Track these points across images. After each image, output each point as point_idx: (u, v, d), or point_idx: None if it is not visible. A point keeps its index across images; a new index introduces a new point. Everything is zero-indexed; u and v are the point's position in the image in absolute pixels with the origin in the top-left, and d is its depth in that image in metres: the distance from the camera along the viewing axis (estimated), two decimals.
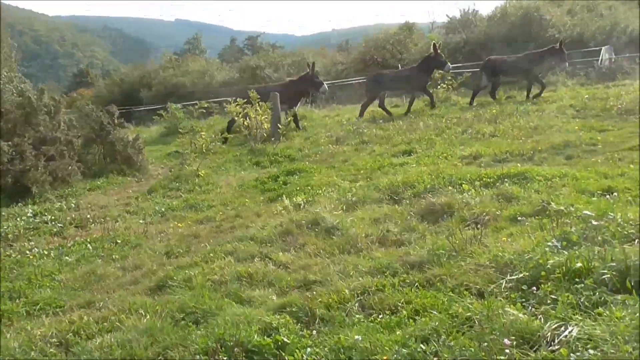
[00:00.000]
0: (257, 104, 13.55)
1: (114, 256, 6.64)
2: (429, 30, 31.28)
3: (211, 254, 5.96)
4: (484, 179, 7.13)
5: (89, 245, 7.23)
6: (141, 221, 8.26)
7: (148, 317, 4.41)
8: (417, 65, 16.33)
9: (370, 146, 11.40)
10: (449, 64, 15.82)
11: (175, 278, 5.32)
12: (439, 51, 15.76)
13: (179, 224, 7.75)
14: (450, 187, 6.96)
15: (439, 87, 17.00)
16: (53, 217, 8.84)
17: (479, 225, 5.47)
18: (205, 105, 19.36)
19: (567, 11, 24.41)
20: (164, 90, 31.09)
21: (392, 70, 18.21)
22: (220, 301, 4.55)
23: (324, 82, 16.04)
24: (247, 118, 13.67)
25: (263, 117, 13.55)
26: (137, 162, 12.59)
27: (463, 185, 6.95)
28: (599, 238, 4.27)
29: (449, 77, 17.15)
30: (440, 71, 16.38)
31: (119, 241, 7.22)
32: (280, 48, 49.37)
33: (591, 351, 2.90)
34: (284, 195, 8.13)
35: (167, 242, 6.95)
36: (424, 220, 6.04)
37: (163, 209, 8.79)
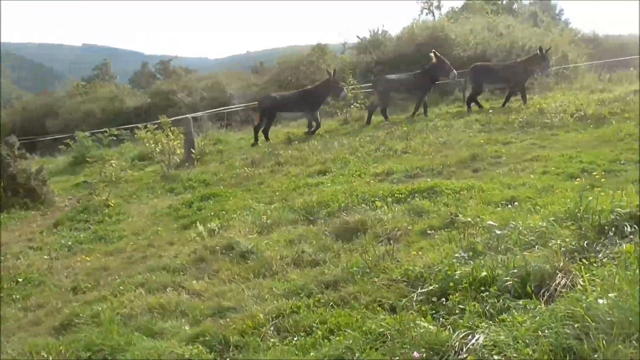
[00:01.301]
0: (169, 130, 13.30)
1: (14, 296, 6.26)
2: (341, 51, 31.90)
3: (121, 287, 5.76)
4: (396, 195, 7.31)
5: None
6: (46, 257, 7.85)
7: (51, 359, 4.18)
8: (421, 72, 16.64)
9: (285, 167, 11.42)
10: (454, 71, 16.08)
11: (81, 315, 5.10)
12: (442, 59, 16.11)
13: (87, 258, 7.43)
14: (363, 205, 7.08)
15: (352, 106, 17.36)
16: None
17: (391, 241, 5.60)
18: (116, 133, 18.80)
19: (470, 31, 25.60)
20: (72, 118, 29.93)
21: (398, 75, 18.40)
22: (129, 336, 4.39)
23: (344, 88, 16.25)
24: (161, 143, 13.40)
25: (176, 143, 13.31)
26: (41, 195, 11.98)
27: (376, 202, 7.09)
28: (502, 247, 4.47)
29: (361, 97, 17.56)
30: (445, 79, 16.71)
31: (20, 280, 6.82)
32: (193, 71, 48.82)
33: (496, 357, 3.01)
34: (197, 222, 7.99)
35: (74, 277, 6.64)
36: (338, 239, 6.10)
37: (70, 243, 8.41)
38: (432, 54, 16.29)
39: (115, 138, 18.91)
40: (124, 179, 12.30)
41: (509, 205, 6.09)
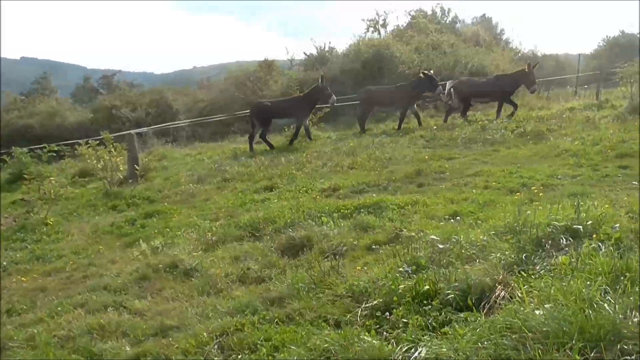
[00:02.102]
0: (112, 146, 13.02)
1: None
2: (288, 67, 32.07)
3: (59, 308, 5.58)
4: (342, 211, 7.37)
5: None
6: None
7: None
8: (408, 84, 16.89)
9: (232, 183, 11.34)
10: (440, 88, 16.32)
11: (15, 338, 4.90)
12: (431, 74, 16.34)
13: (23, 278, 7.16)
14: (310, 220, 7.09)
15: None
16: None
17: (337, 256, 5.62)
18: (56, 149, 18.25)
19: (415, 49, 26.20)
20: (9, 133, 28.90)
21: (384, 87, 18.47)
22: (67, 358, 4.24)
23: (333, 94, 16.27)
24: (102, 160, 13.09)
25: (118, 159, 13.03)
26: None
27: (322, 217, 7.12)
28: (445, 261, 4.56)
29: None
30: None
31: None
32: (138, 86, 48.08)
33: None
34: (141, 239, 7.83)
35: (9, 299, 6.38)
36: (284, 255, 6.09)
37: (5, 263, 8.08)
38: (421, 73, 16.62)
39: (55, 154, 18.35)
40: (64, 197, 11.94)
41: (452, 220, 6.22)
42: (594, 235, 4.38)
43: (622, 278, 3.53)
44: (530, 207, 5.64)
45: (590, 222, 4.64)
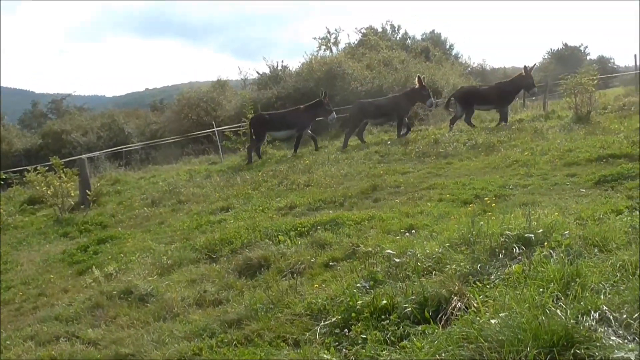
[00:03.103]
0: (62, 171, 12.71)
1: None
2: (242, 87, 32.07)
3: (7, 342, 5.37)
4: (299, 229, 7.34)
5: None
6: None
7: None
8: (400, 95, 16.95)
9: (187, 205, 11.21)
10: (432, 99, 16.34)
11: None
12: (424, 84, 16.35)
13: None
14: (267, 240, 7.04)
15: None
16: None
17: (295, 275, 5.59)
18: (4, 177, 17.72)
19: (367, 65, 26.59)
20: None
21: (375, 99, 18.45)
22: None
23: (333, 112, 16.53)
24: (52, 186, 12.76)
25: (69, 185, 12.72)
26: None
27: (279, 236, 7.08)
28: (402, 274, 4.59)
29: None
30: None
31: None
32: (89, 110, 47.23)
33: None
34: (94, 266, 7.63)
35: None
36: (241, 276, 6.03)
37: None
38: (416, 78, 16.75)
39: (2, 182, 17.82)
40: (13, 225, 11.58)
41: (408, 233, 6.26)
42: (545, 243, 4.47)
43: (572, 284, 3.61)
44: (484, 217, 5.72)
45: (541, 230, 4.74)
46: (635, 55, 15.84)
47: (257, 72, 31.00)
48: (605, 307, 3.14)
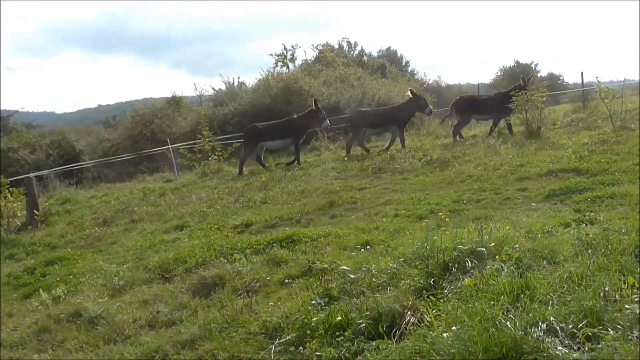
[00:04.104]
0: (7, 191, 12.36)
1: None
2: (198, 103, 31.89)
3: None
4: (254, 246, 7.33)
5: None
6: None
7: None
8: (398, 106, 17.22)
9: (140, 224, 11.04)
10: (430, 107, 16.43)
11: None
12: (419, 95, 16.70)
13: None
14: (222, 258, 7.01)
15: (210, 158, 17.31)
16: None
17: (250, 293, 5.57)
18: None
19: (323, 82, 26.82)
20: None
21: (375, 109, 18.85)
22: None
23: (327, 119, 16.50)
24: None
25: (15, 204, 12.37)
26: None
27: (234, 254, 7.06)
28: (356, 290, 4.63)
29: (219, 149, 17.62)
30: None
31: None
32: (38, 127, 46.07)
33: None
34: (41, 289, 7.41)
35: None
36: (195, 296, 5.98)
37: None
38: (408, 91, 17.00)
39: None
40: None
41: (364, 249, 6.33)
42: (497, 257, 4.58)
43: (522, 296, 3.71)
44: (438, 232, 5.83)
45: (493, 244, 4.85)
46: (582, 73, 16.43)
47: (213, 89, 30.93)
48: (552, 318, 3.24)
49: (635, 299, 3.29)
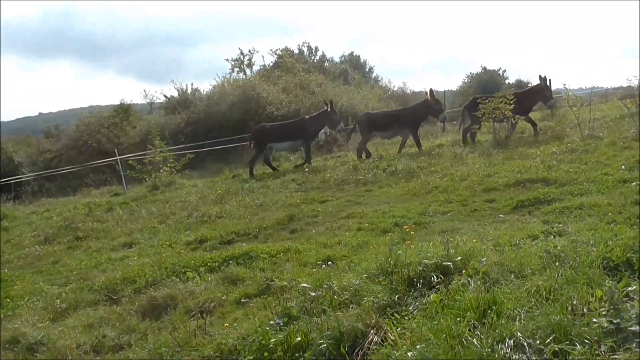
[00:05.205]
0: None
1: None
2: (148, 111, 31.58)
3: None
4: (209, 264, 7.29)
5: None
6: None
7: None
8: (411, 108, 17.31)
9: (86, 242, 10.85)
10: (445, 113, 16.40)
11: None
12: (436, 98, 16.63)
13: None
14: (174, 277, 6.96)
15: (161, 170, 17.13)
16: None
17: (204, 314, 5.53)
18: None
19: (282, 89, 26.88)
20: None
21: (385, 111, 18.98)
22: None
23: (342, 122, 16.69)
24: None
25: None
26: None
27: (187, 273, 7.00)
28: (317, 309, 4.63)
29: (171, 160, 17.46)
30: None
31: None
32: None
33: None
34: None
35: None
36: (145, 318, 5.91)
37: None
38: (427, 91, 17.00)
39: None
40: None
41: (325, 265, 6.34)
42: (463, 271, 4.66)
43: (489, 311, 3.78)
44: (403, 246, 5.89)
45: (459, 257, 4.93)
46: (549, 80, 16.67)
47: (165, 96, 30.68)
48: (519, 334, 3.31)
49: (603, 312, 3.39)
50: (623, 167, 9.36)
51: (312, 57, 41.77)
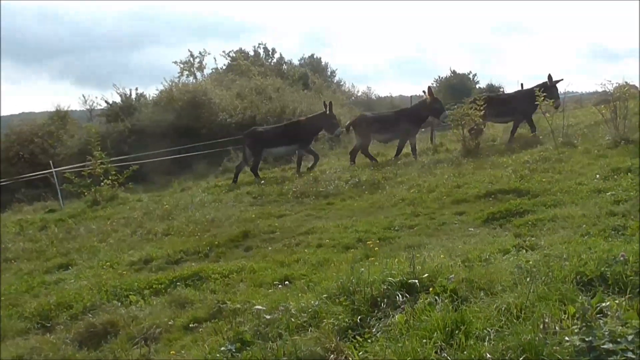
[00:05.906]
0: None
1: None
2: (87, 119, 31.16)
3: None
4: (154, 286, 7.24)
5: None
6: None
7: None
8: (409, 108, 17.34)
9: (15, 264, 10.61)
10: (446, 112, 16.10)
11: None
12: (436, 97, 16.49)
13: None
14: (115, 301, 6.87)
15: (102, 183, 16.86)
16: None
17: (148, 342, 5.47)
18: None
19: (237, 94, 26.83)
20: None
21: (382, 113, 18.98)
22: None
23: (340, 126, 16.74)
24: None
25: None
26: None
27: (130, 296, 6.95)
28: (273, 333, 4.62)
29: (113, 172, 17.21)
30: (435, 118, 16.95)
31: None
32: None
33: None
34: None
35: None
36: (82, 347, 5.83)
37: None
38: (425, 91, 16.89)
39: None
40: None
41: (282, 286, 6.35)
42: (430, 289, 4.70)
43: (457, 332, 3.82)
44: (365, 263, 5.93)
45: (426, 274, 4.98)
46: (521, 85, 17.04)
47: (106, 102, 30.26)
48: (489, 355, 3.36)
49: (575, 330, 3.46)
50: (597, 176, 9.62)
51: (269, 60, 41.82)
